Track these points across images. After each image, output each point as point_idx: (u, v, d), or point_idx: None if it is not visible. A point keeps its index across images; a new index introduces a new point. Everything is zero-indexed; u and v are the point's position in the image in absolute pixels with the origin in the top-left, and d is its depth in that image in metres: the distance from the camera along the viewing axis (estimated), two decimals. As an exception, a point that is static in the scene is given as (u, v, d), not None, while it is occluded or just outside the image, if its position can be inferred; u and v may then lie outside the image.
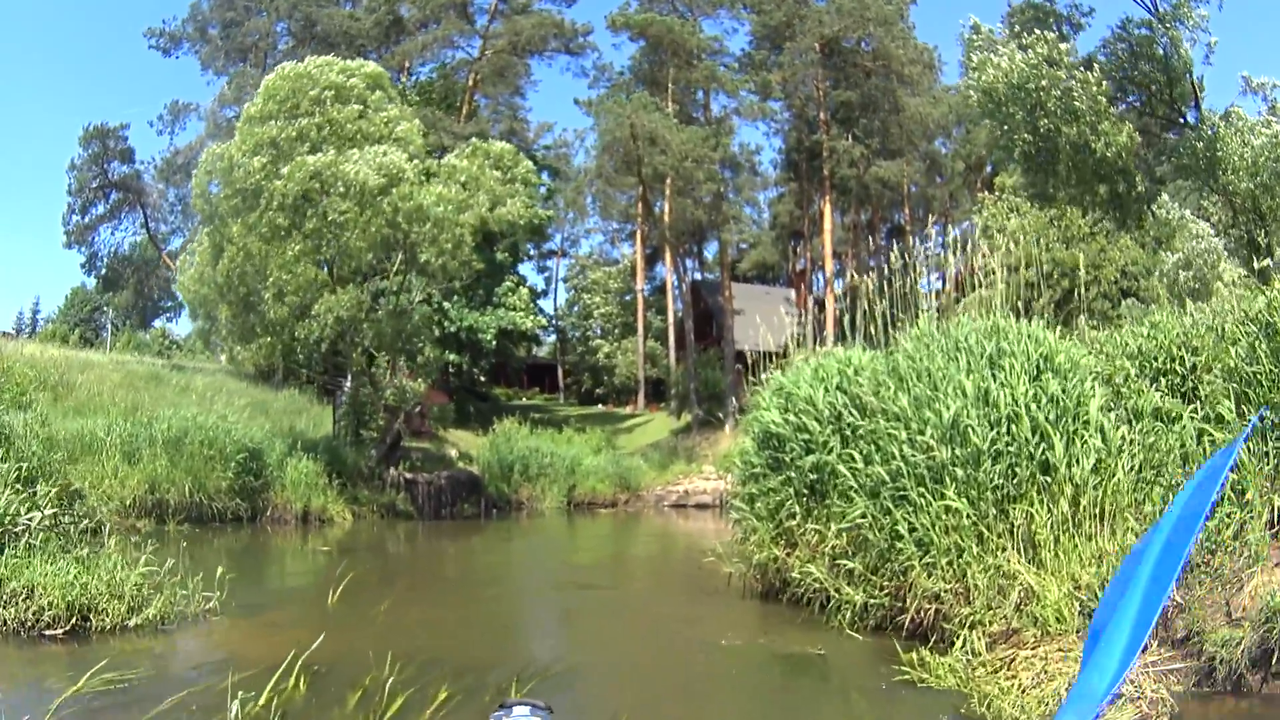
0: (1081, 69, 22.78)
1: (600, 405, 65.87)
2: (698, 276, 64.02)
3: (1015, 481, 9.00)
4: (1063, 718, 6.05)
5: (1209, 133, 21.28)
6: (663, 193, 51.98)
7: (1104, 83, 22.91)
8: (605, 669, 9.53)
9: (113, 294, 61.68)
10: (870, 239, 63.01)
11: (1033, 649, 7.56)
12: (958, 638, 8.26)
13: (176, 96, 65.37)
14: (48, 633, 9.31)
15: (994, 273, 13.02)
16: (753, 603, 12.58)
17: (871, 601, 9.88)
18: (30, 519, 10.57)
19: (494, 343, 44.15)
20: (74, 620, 9.50)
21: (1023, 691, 7.04)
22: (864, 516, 10.03)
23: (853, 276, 64.63)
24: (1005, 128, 25.01)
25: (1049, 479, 8.86)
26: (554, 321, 75.15)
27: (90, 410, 25.07)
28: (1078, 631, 7.50)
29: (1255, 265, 13.47)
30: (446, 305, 44.07)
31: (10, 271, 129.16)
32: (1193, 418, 9.12)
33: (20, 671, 8.27)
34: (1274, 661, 6.77)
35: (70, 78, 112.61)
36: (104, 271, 57.63)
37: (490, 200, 27.67)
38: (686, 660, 9.82)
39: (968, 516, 8.94)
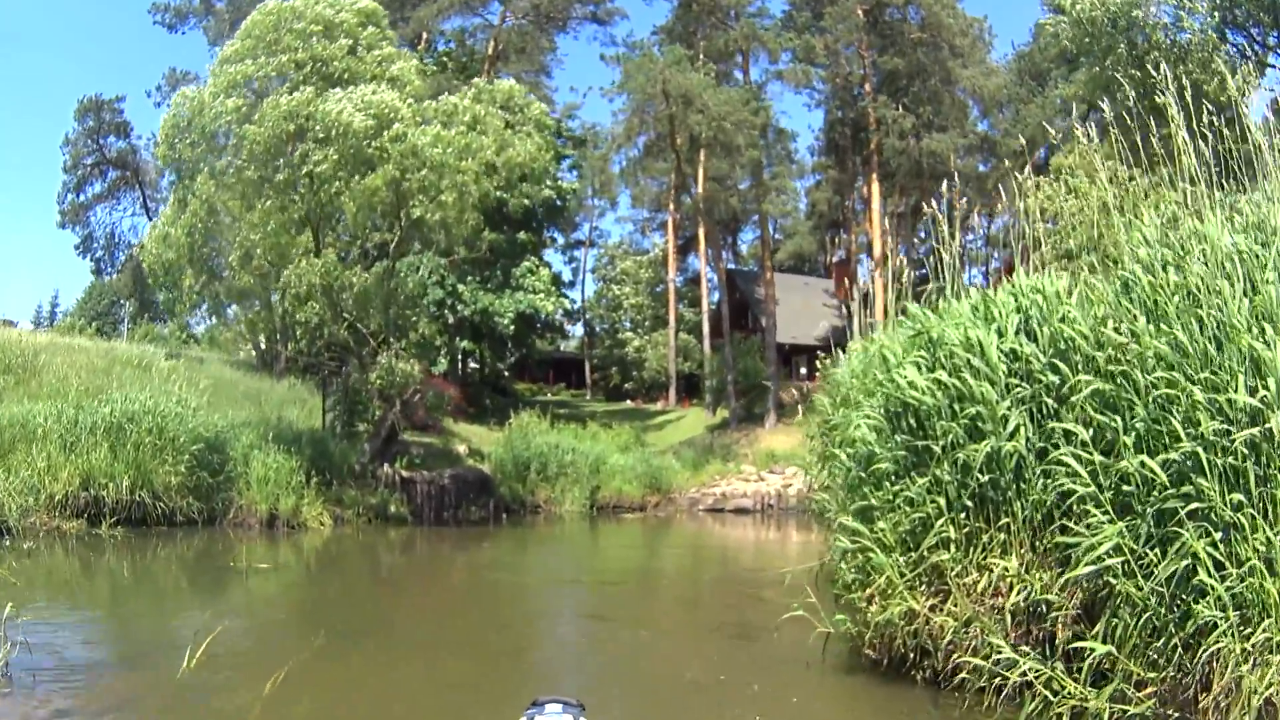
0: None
1: (629, 401, 61.91)
2: (732, 267, 59.98)
3: None
4: None
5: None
6: (697, 164, 47.66)
7: (1215, 14, 19.36)
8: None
9: (110, 278, 57.79)
10: (915, 224, 59.18)
11: None
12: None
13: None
14: None
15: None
16: (865, 681, 7.93)
17: (1128, 712, 5.49)
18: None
19: (511, 328, 39.90)
20: None
21: None
22: (1115, 551, 5.69)
23: (901, 263, 60.62)
24: (1106, 62, 21.20)
25: None
26: (582, 314, 71.16)
27: (51, 396, 21.16)
28: None
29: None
30: (461, 287, 40.03)
31: (33, 266, 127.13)
32: None
33: None
34: None
35: (69, 57, 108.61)
36: (99, 254, 53.72)
37: (497, 143, 23.37)
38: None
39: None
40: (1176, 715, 5.26)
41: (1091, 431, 6.18)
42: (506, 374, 56.85)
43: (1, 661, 7.03)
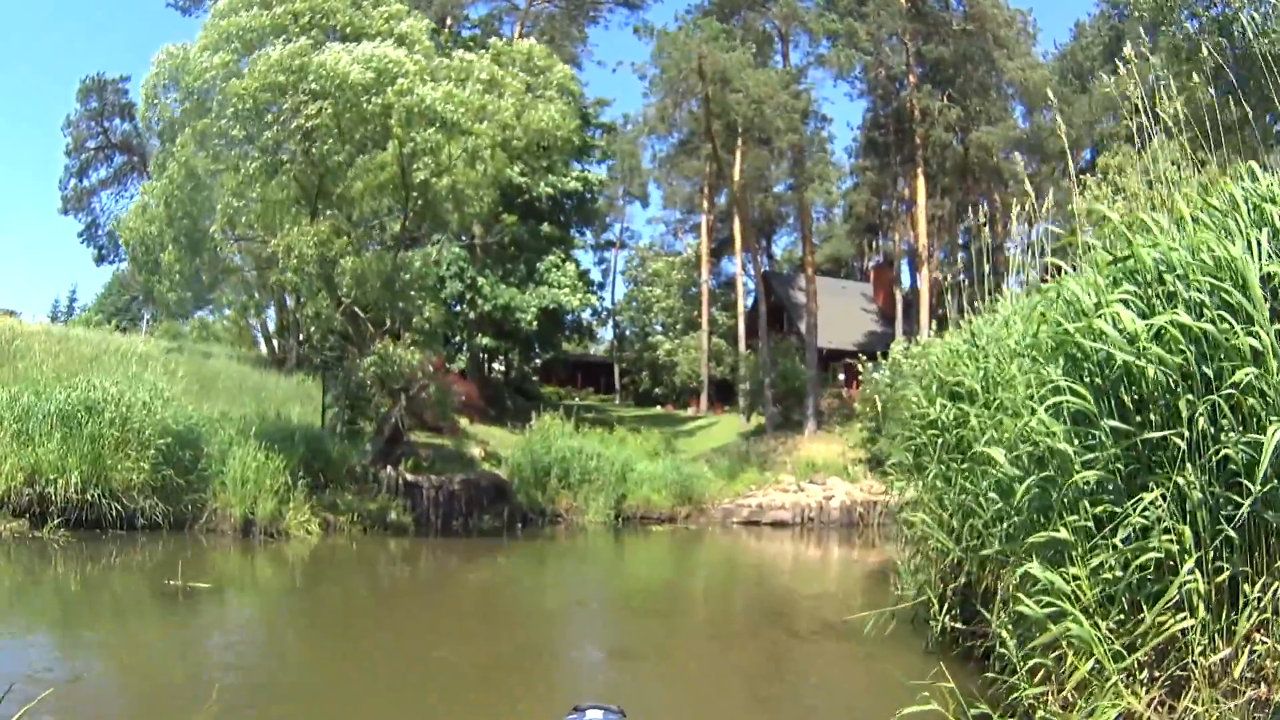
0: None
1: (659, 407, 59.21)
2: (767, 270, 57.23)
3: None
4: None
5: None
6: (734, 153, 44.88)
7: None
8: None
9: (116, 268, 55.50)
10: (956, 226, 56.58)
11: None
12: None
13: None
14: None
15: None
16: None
17: None
18: None
19: (534, 324, 37.09)
20: None
21: None
22: None
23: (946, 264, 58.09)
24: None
25: None
26: (611, 316, 68.53)
27: (19, 383, 18.86)
28: None
29: None
30: (481, 280, 37.42)
31: (54, 260, 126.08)
32: None
33: None
34: None
35: (74, 42, 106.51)
36: (103, 242, 51.20)
37: (517, 105, 20.67)
38: None
39: None
40: None
41: None
42: (535, 377, 54.49)
43: None
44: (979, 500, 7.80)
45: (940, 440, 9.68)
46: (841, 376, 48.69)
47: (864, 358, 34.93)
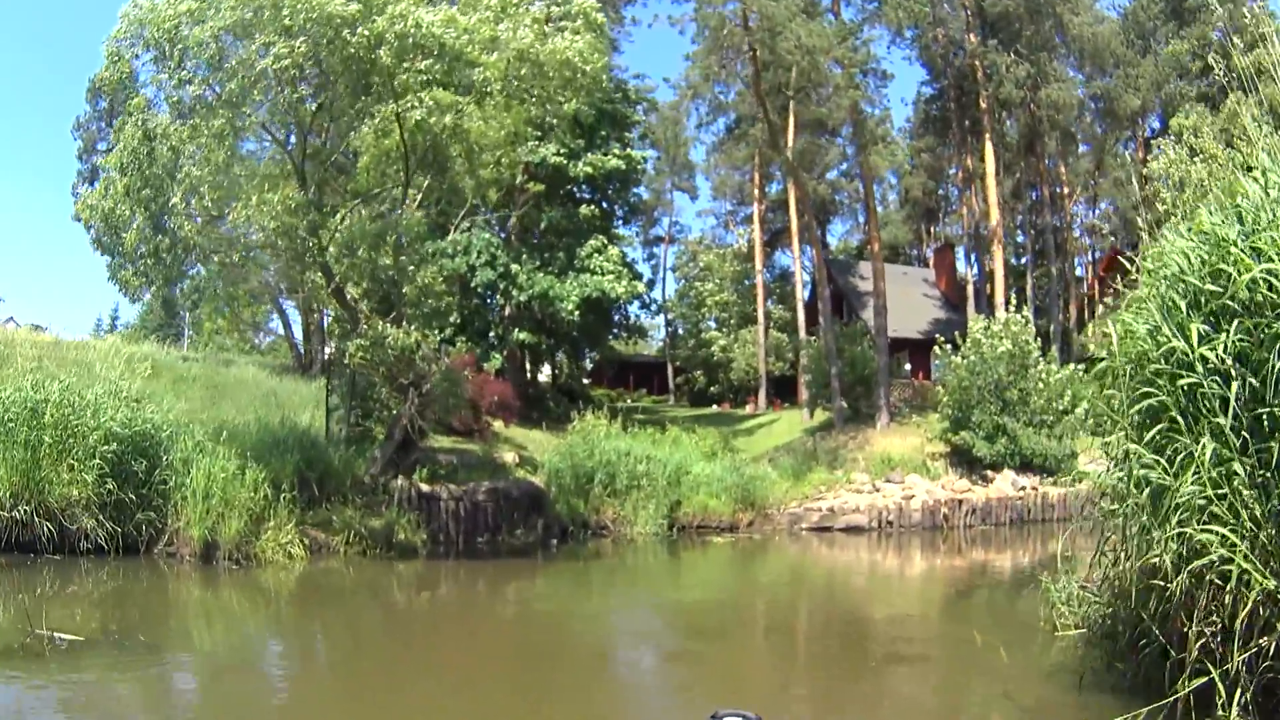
0: None
1: (714, 406, 55.95)
2: (825, 257, 53.70)
3: None
4: None
5: None
6: (787, 119, 41.36)
7: None
8: None
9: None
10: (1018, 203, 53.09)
11: None
12: None
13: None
14: None
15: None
16: None
17: None
18: None
19: (575, 314, 33.64)
20: None
21: None
22: None
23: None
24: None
25: None
26: (663, 311, 65.34)
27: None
28: None
29: None
30: (515, 268, 34.18)
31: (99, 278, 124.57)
32: None
33: None
34: None
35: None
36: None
37: (535, 34, 17.28)
38: None
39: None
40: None
41: None
42: (585, 380, 51.54)
43: None
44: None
45: (1197, 394, 6.34)
46: (908, 366, 45.26)
47: (942, 339, 31.47)
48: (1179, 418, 6.72)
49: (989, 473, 29.01)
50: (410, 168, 18.47)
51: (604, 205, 39.07)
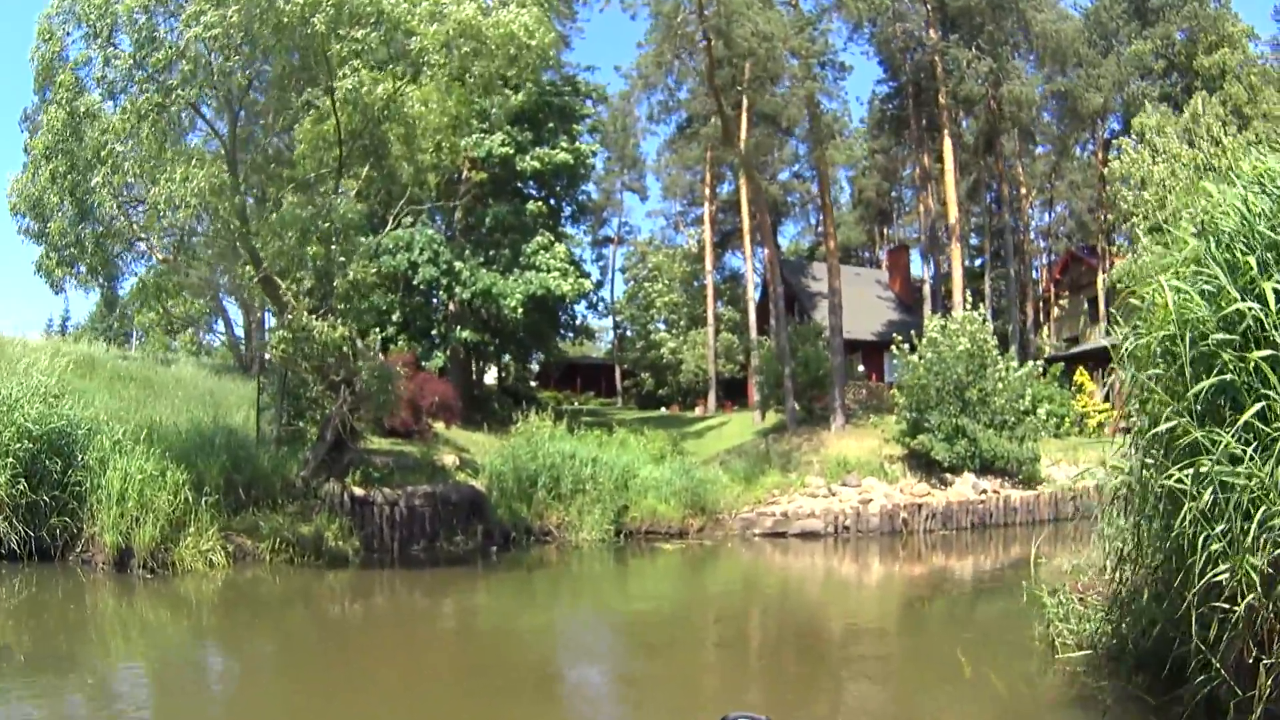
0: None
1: (663, 409, 55.08)
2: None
3: None
4: None
5: None
6: (740, 114, 40.51)
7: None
8: None
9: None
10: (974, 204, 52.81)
11: None
12: None
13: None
14: None
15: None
16: None
17: None
18: None
19: (519, 311, 32.49)
20: None
21: None
22: None
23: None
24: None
25: None
26: (611, 313, 64.49)
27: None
28: None
29: None
30: (459, 265, 33.02)
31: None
32: None
33: None
34: None
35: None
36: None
37: (478, 5, 16.18)
38: None
39: None
40: None
41: None
42: (533, 382, 50.57)
43: None
44: None
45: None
46: (861, 368, 44.59)
47: (899, 338, 30.61)
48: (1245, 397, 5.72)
49: (948, 475, 28.18)
50: (345, 151, 17.34)
51: (551, 202, 38.12)
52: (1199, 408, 6.00)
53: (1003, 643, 10.33)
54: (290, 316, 16.26)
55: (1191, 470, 5.83)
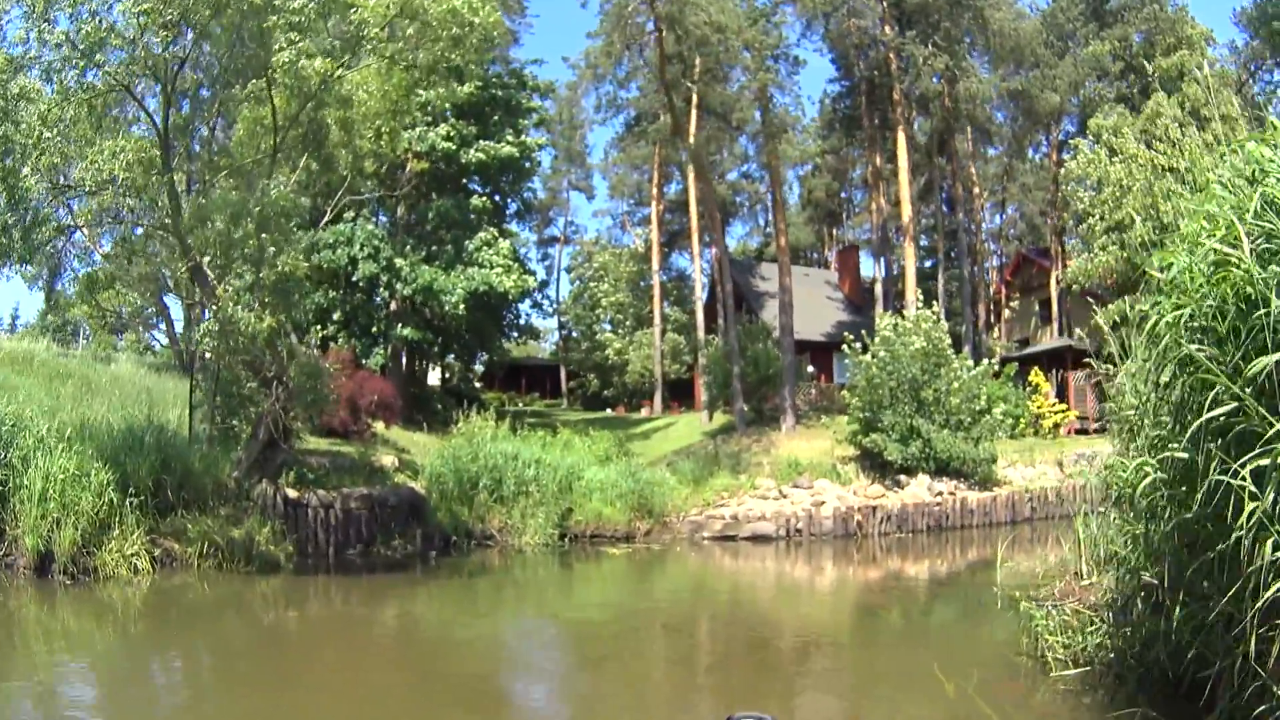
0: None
1: (609, 410, 54.45)
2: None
3: None
4: None
5: None
6: (691, 108, 40.01)
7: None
8: None
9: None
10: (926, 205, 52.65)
11: None
12: None
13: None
14: None
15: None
16: None
17: None
18: None
19: (460, 308, 31.69)
20: None
21: None
22: None
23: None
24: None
25: None
26: (556, 313, 64.12)
27: None
28: None
29: None
30: (400, 262, 32.19)
31: None
32: None
33: None
34: None
35: None
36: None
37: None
38: None
39: None
40: None
41: None
42: (478, 383, 49.70)
43: None
44: None
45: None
46: (811, 369, 44.17)
47: (850, 336, 30.12)
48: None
49: (903, 477, 27.72)
50: (282, 137, 16.53)
51: (496, 198, 37.36)
52: (1249, 390, 5.31)
53: (984, 657, 9.62)
54: (215, 307, 15.41)
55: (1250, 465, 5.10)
